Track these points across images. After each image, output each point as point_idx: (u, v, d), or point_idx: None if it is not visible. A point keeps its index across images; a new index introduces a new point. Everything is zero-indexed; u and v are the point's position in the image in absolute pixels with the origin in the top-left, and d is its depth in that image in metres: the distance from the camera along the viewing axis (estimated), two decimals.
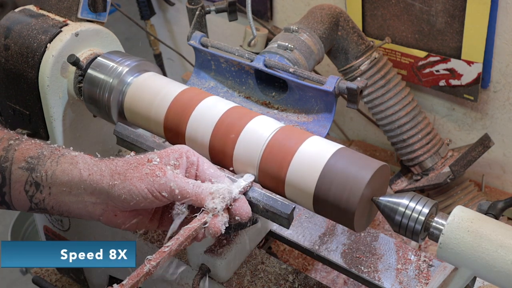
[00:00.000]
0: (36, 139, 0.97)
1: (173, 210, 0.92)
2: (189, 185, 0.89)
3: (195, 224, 0.87)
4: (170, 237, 0.87)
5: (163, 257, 0.83)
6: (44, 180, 0.92)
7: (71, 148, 0.97)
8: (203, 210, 0.89)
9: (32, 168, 0.92)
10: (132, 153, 0.96)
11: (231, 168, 1.00)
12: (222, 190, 0.90)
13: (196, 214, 0.89)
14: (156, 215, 0.97)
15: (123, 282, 0.79)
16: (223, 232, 0.89)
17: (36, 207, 0.94)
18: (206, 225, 0.87)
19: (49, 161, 0.92)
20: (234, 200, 0.91)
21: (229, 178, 0.95)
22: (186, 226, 0.87)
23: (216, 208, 0.88)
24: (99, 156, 0.96)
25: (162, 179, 0.88)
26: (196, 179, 0.93)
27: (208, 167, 0.94)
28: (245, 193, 0.94)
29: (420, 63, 1.72)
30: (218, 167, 0.99)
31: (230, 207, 0.91)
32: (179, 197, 0.88)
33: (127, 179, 0.89)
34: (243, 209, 0.92)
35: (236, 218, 0.91)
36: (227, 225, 0.90)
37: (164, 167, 0.89)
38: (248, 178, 0.96)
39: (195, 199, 0.89)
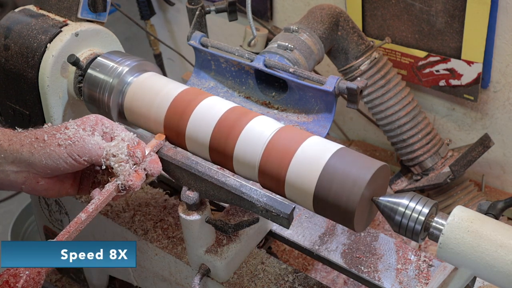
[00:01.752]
0: None
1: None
2: (105, 145, 0.95)
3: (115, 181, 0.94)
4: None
5: (89, 215, 0.91)
6: None
7: None
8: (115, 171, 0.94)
9: None
10: (49, 124, 1.00)
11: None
12: (136, 146, 0.97)
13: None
14: (76, 180, 1.02)
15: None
16: (139, 186, 0.96)
17: None
18: (119, 182, 0.94)
19: None
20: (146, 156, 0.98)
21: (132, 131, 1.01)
22: (107, 186, 0.94)
23: (125, 154, 0.95)
24: (17, 129, 0.99)
25: (80, 143, 0.93)
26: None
27: (121, 131, 0.99)
28: (157, 151, 1.02)
29: (420, 63, 1.72)
30: (127, 127, 1.05)
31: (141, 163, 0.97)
32: (98, 158, 0.94)
33: (47, 145, 0.93)
34: (154, 164, 0.99)
35: (148, 173, 0.98)
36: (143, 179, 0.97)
37: (81, 132, 0.94)
38: (159, 137, 1.04)
39: (110, 157, 0.94)
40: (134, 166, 0.96)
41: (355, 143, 2.09)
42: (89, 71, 1.15)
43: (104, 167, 0.96)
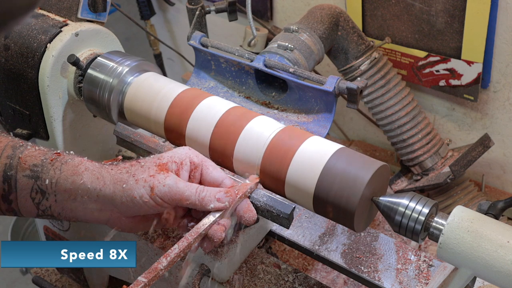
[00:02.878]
0: (40, 146, 0.98)
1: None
2: (192, 190, 0.89)
3: (200, 227, 0.87)
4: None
5: (170, 261, 0.83)
6: (49, 188, 0.92)
7: (72, 152, 0.98)
8: (206, 215, 0.88)
9: (37, 176, 0.93)
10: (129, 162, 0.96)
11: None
12: (226, 194, 0.89)
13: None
14: (161, 215, 0.96)
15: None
16: (228, 238, 0.89)
17: (44, 214, 0.94)
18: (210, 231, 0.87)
19: (52, 168, 0.93)
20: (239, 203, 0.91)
21: (233, 179, 0.95)
22: (188, 235, 0.86)
23: (221, 212, 0.88)
24: (102, 163, 0.96)
25: (164, 185, 0.88)
26: (200, 183, 0.93)
27: (212, 169, 0.94)
28: (249, 195, 0.94)
29: (420, 63, 1.72)
30: (220, 167, 0.99)
31: (235, 211, 0.91)
32: (183, 203, 0.89)
33: (129, 187, 0.89)
34: (249, 213, 0.91)
35: (242, 221, 0.91)
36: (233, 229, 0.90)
37: (165, 172, 0.89)
38: (252, 179, 0.95)
39: (199, 204, 0.89)
40: (219, 215, 0.88)
41: (355, 143, 2.09)
42: (89, 71, 1.15)
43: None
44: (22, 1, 0.55)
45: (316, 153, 0.91)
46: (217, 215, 0.89)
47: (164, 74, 2.64)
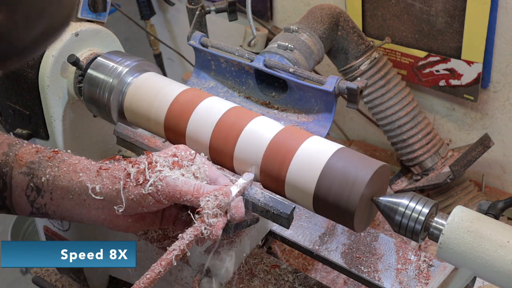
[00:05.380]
0: (36, 144, 0.97)
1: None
2: (189, 187, 0.89)
3: (196, 226, 0.86)
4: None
5: (168, 263, 0.82)
6: (45, 186, 0.92)
7: (69, 151, 0.97)
8: (200, 213, 0.88)
9: (33, 173, 0.92)
10: (118, 157, 0.96)
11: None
12: (221, 191, 0.89)
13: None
14: (158, 215, 0.97)
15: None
16: (219, 236, 0.89)
17: (38, 212, 0.93)
18: (205, 230, 0.87)
19: (49, 166, 0.93)
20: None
21: (228, 177, 0.95)
22: (187, 231, 0.86)
23: (215, 209, 0.88)
24: (99, 161, 0.95)
25: (162, 182, 0.88)
26: (195, 179, 0.93)
27: (208, 167, 0.94)
28: (244, 192, 0.94)
29: (420, 63, 1.72)
30: (218, 166, 0.99)
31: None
32: (180, 200, 0.88)
33: (128, 185, 0.89)
34: (237, 210, 0.91)
35: (230, 218, 0.91)
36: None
37: (163, 170, 0.89)
38: (247, 177, 0.95)
39: (195, 201, 0.89)
40: (218, 211, 0.88)
41: (355, 143, 2.09)
42: (89, 71, 1.15)
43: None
44: (61, 15, 0.55)
45: (316, 153, 0.91)
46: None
47: (164, 74, 2.64)
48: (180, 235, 0.86)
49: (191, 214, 0.88)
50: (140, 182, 0.88)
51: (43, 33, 0.54)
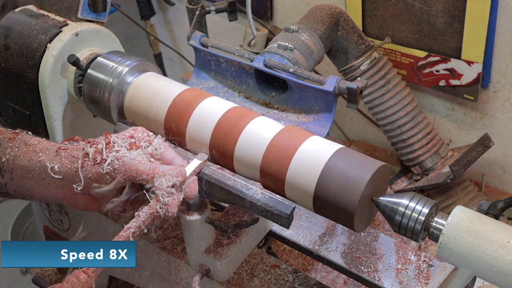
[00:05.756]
0: None
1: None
2: (145, 166, 0.92)
3: (152, 205, 0.90)
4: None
5: (124, 240, 0.87)
6: (5, 166, 0.94)
7: (30, 133, 1.00)
8: (155, 193, 0.91)
9: None
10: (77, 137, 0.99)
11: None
12: (176, 170, 0.93)
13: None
14: (116, 194, 0.99)
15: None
16: (175, 214, 0.92)
17: None
18: (161, 208, 0.91)
19: (10, 147, 0.95)
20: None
21: (185, 157, 0.98)
22: (143, 209, 0.90)
23: (169, 188, 0.91)
24: (59, 142, 0.98)
25: (119, 162, 0.91)
26: (152, 160, 0.96)
27: (164, 147, 0.97)
28: (198, 172, 0.97)
29: (420, 63, 1.72)
30: (173, 145, 1.02)
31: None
32: (136, 179, 0.92)
33: (86, 164, 0.92)
34: (191, 189, 0.94)
35: (182, 196, 0.94)
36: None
37: (121, 150, 0.92)
38: (201, 157, 0.99)
39: (151, 180, 0.92)
40: (173, 190, 0.91)
41: (355, 143, 2.09)
42: (89, 71, 1.15)
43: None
44: None
45: (316, 153, 0.91)
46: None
47: (164, 74, 2.64)
48: (136, 213, 0.90)
49: (146, 194, 0.92)
50: (98, 161, 0.91)
51: None
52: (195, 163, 0.97)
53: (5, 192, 0.96)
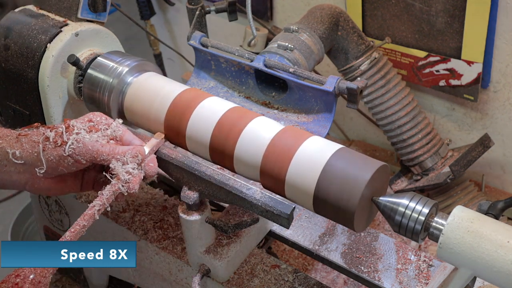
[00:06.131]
0: None
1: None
2: (105, 148, 0.95)
3: (114, 183, 0.93)
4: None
5: (90, 217, 0.90)
6: None
7: None
8: (116, 172, 0.94)
9: None
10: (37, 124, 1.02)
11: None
12: (135, 150, 0.96)
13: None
14: (78, 178, 1.02)
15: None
16: (136, 190, 0.95)
17: None
18: (123, 186, 0.94)
19: None
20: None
21: (141, 139, 1.01)
22: (106, 188, 0.93)
23: (129, 166, 0.94)
24: (18, 129, 1.00)
25: (79, 144, 0.94)
26: (111, 141, 0.99)
27: (121, 130, 0.99)
28: (156, 150, 1.02)
29: (420, 63, 1.72)
30: (131, 129, 1.05)
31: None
32: (97, 159, 0.94)
33: (47, 147, 0.94)
34: (150, 167, 0.98)
35: (143, 174, 0.97)
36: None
37: (80, 132, 0.95)
38: (159, 136, 1.04)
39: (111, 159, 0.95)
40: (133, 168, 0.95)
41: (355, 143, 2.09)
42: (89, 71, 1.15)
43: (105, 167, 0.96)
44: None
45: (316, 153, 0.91)
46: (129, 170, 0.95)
47: (164, 74, 2.64)
48: (99, 192, 0.93)
49: (107, 175, 0.95)
50: (59, 144, 0.94)
51: None
52: (153, 142, 1.02)
53: None
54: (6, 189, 0.99)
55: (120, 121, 1.02)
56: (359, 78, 1.27)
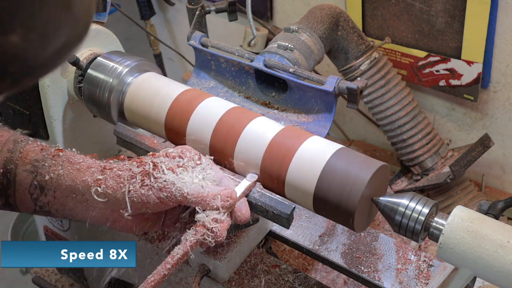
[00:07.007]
0: (41, 141, 0.97)
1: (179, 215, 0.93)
2: (194, 189, 0.88)
3: (199, 231, 0.86)
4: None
5: (172, 265, 0.83)
6: (48, 184, 0.91)
7: (74, 150, 0.97)
8: (201, 219, 0.88)
9: (37, 171, 0.92)
10: (123, 156, 0.96)
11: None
12: (226, 193, 0.89)
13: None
14: (160, 216, 0.96)
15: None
16: (223, 239, 0.88)
17: (41, 210, 0.93)
18: (208, 236, 0.87)
19: (53, 164, 0.92)
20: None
21: (232, 179, 0.95)
22: (189, 236, 0.86)
23: (220, 212, 0.88)
24: (104, 161, 0.95)
25: (167, 184, 0.87)
26: (200, 181, 0.92)
27: (212, 168, 0.94)
28: (248, 194, 0.94)
29: (420, 63, 1.72)
30: (220, 167, 0.99)
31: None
32: (184, 202, 0.88)
33: (132, 187, 0.88)
34: (242, 212, 0.91)
35: (235, 220, 0.91)
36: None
37: (169, 171, 0.89)
38: (251, 178, 0.95)
39: (200, 202, 0.88)
40: (221, 213, 0.87)
41: (355, 143, 2.09)
42: (89, 71, 1.15)
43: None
44: (76, 31, 0.52)
45: (316, 153, 0.91)
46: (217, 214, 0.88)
47: (164, 74, 2.64)
48: (183, 237, 0.86)
49: (193, 227, 0.88)
50: (146, 184, 0.88)
51: (59, 51, 0.51)
52: (244, 184, 0.93)
53: (47, 210, 0.93)
54: (86, 222, 0.93)
55: (211, 158, 0.96)
56: (359, 78, 1.26)
